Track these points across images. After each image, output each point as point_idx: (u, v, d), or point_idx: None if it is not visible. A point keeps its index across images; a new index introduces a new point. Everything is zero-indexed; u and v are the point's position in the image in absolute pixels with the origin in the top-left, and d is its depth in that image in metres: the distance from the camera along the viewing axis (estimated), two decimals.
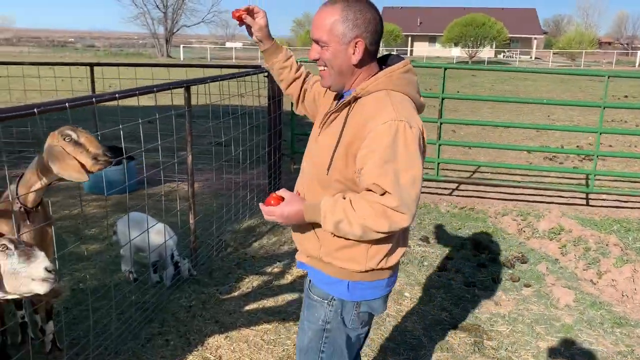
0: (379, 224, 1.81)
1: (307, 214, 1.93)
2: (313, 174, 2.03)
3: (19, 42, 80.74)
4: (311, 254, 2.07)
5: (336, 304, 2.05)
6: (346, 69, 1.93)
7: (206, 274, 4.50)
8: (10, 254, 1.95)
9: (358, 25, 1.87)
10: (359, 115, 1.89)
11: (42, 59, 39.59)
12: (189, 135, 4.27)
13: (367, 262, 1.98)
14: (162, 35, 59.44)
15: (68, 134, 2.58)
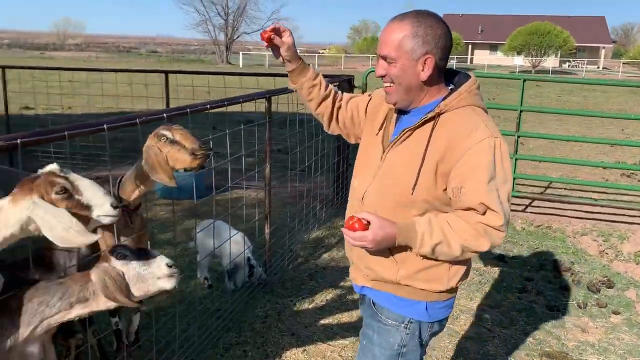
0: (480, 243, 1.80)
1: (399, 236, 1.84)
2: (389, 194, 1.94)
3: (87, 47, 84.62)
4: (385, 277, 2.00)
5: (413, 326, 2.01)
6: (414, 86, 1.90)
7: (279, 284, 4.48)
8: (129, 260, 1.98)
9: (428, 42, 1.83)
10: (447, 132, 1.84)
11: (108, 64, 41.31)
12: (268, 146, 4.28)
13: (449, 281, 1.97)
14: (222, 42, 60.85)
15: (163, 134, 2.59)
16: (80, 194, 1.86)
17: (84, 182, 1.90)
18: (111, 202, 1.90)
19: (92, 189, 1.89)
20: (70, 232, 1.79)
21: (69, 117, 10.62)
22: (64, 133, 2.07)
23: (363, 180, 2.06)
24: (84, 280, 1.99)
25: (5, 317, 1.95)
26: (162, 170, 2.56)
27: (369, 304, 2.11)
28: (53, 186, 1.82)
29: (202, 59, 59.23)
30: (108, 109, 11.54)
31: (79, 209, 1.85)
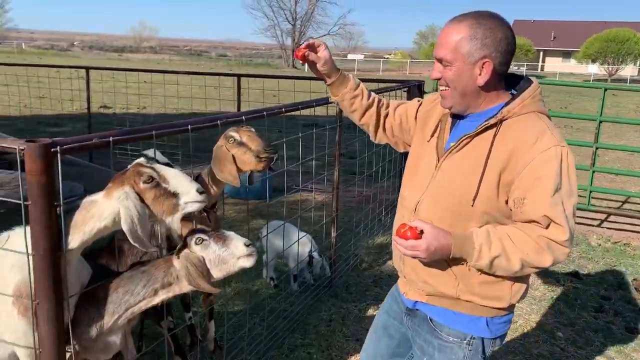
0: (542, 258, 1.70)
1: (455, 248, 1.73)
2: (446, 205, 1.84)
3: (161, 50, 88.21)
4: (443, 292, 1.90)
5: (476, 342, 1.92)
6: (470, 91, 1.80)
7: (343, 288, 4.48)
8: (207, 244, 2.03)
9: (487, 45, 1.73)
10: (510, 139, 1.74)
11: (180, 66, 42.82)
12: (338, 150, 4.29)
13: (511, 298, 1.87)
14: (288, 47, 61.80)
15: (231, 136, 2.66)
16: (166, 182, 1.92)
17: (170, 171, 1.96)
18: (197, 188, 1.94)
19: (177, 177, 1.94)
20: (145, 234, 1.86)
21: (144, 116, 11.10)
22: (152, 132, 2.16)
23: (415, 190, 1.96)
24: (166, 266, 2.07)
25: (92, 306, 2.05)
26: (227, 171, 2.63)
27: (424, 319, 2.00)
28: (141, 176, 1.89)
29: (269, 63, 60.36)
30: (181, 109, 11.97)
31: (166, 196, 1.91)
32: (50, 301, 1.83)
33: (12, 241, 1.96)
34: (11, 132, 11.16)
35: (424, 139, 2.02)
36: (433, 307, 1.96)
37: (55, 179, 1.79)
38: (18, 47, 67.20)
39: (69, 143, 1.82)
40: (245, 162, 2.64)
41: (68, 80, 10.32)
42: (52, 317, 1.84)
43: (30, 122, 12.30)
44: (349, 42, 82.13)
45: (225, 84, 9.86)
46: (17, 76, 10.64)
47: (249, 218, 5.78)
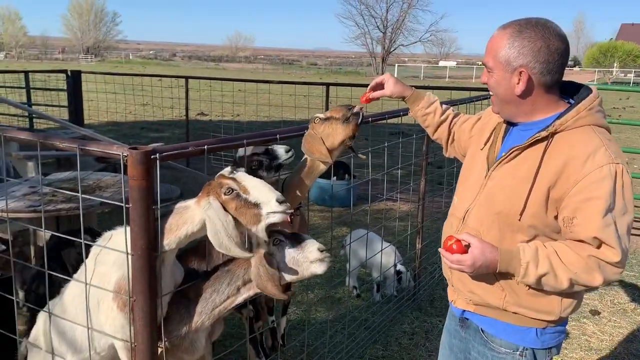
0: (592, 278, 1.66)
1: (502, 264, 1.71)
2: (493, 217, 1.80)
3: (255, 59, 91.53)
4: (490, 303, 1.86)
5: (529, 353, 1.87)
6: (510, 99, 1.77)
7: (427, 302, 4.39)
8: (284, 245, 2.07)
9: (524, 54, 1.69)
10: (562, 154, 1.67)
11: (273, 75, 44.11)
12: (425, 160, 4.23)
13: (561, 312, 1.82)
14: (378, 54, 61.79)
15: (316, 116, 2.68)
16: (247, 192, 1.93)
17: (251, 181, 1.96)
18: (277, 198, 1.92)
19: (258, 187, 1.94)
20: (231, 242, 1.90)
21: (237, 123, 11.54)
22: (243, 141, 2.25)
23: (465, 199, 1.95)
24: (247, 263, 2.13)
25: (182, 305, 2.16)
26: (316, 150, 2.63)
27: (476, 330, 1.97)
28: (221, 187, 1.95)
29: (358, 71, 60.67)
30: (272, 117, 12.35)
31: (248, 207, 1.92)
32: (145, 298, 1.95)
33: (114, 240, 2.11)
34: (117, 136, 12.06)
35: (478, 147, 2.02)
36: (482, 317, 1.95)
37: (154, 184, 1.92)
38: (126, 57, 72.50)
39: (168, 151, 1.94)
40: (334, 133, 2.60)
41: (169, 89, 10.99)
42: (147, 313, 1.96)
43: (134, 127, 13.21)
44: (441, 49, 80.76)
45: (314, 92, 10.04)
46: (124, 85, 11.47)
47: (333, 225, 5.82)
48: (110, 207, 4.18)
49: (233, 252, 1.93)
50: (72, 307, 2.29)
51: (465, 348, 2.06)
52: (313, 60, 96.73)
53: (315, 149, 2.63)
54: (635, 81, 42.03)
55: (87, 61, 61.02)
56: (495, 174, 1.84)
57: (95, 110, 13.09)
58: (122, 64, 57.06)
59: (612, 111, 18.75)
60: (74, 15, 75.59)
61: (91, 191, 4.04)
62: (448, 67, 59.16)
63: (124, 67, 45.88)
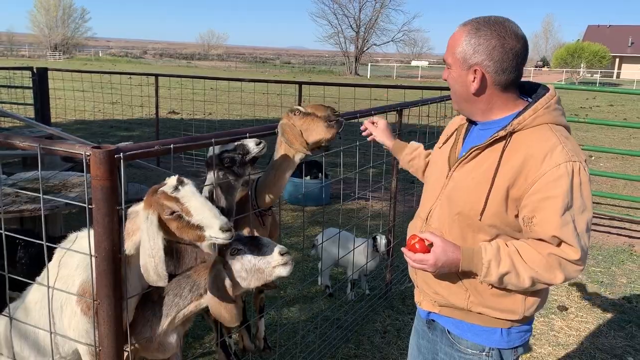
0: (553, 276, 1.67)
1: (464, 262, 1.72)
2: (455, 217, 1.81)
3: (228, 57, 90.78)
4: (455, 304, 1.86)
5: (495, 353, 1.87)
6: (466, 97, 1.79)
7: (399, 299, 4.40)
8: (243, 253, 2.01)
9: (479, 52, 1.70)
10: (520, 153, 1.68)
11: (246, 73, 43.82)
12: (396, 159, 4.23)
13: (525, 311, 1.81)
14: (352, 54, 61.95)
15: (297, 109, 2.70)
16: (190, 215, 1.84)
17: (195, 203, 1.85)
18: (221, 225, 1.83)
19: (202, 210, 1.84)
20: (151, 261, 1.84)
21: (209, 122, 11.42)
22: (211, 140, 2.21)
23: (427, 199, 1.96)
24: (206, 272, 2.08)
25: (148, 308, 2.11)
26: (297, 142, 2.63)
27: (442, 332, 1.97)
28: (163, 209, 1.86)
29: (332, 70, 60.74)
30: (245, 116, 12.25)
31: (191, 228, 1.85)
32: (110, 301, 1.90)
33: (79, 242, 2.05)
34: (86, 135, 11.81)
35: (438, 146, 2.04)
36: (447, 319, 1.95)
37: (117, 184, 1.86)
38: (95, 54, 71.10)
39: (132, 150, 1.89)
40: (314, 130, 2.63)
41: (139, 87, 10.80)
42: (112, 317, 1.91)
43: (103, 126, 12.96)
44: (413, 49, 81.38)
45: (287, 91, 10.02)
46: (93, 83, 11.24)
47: (305, 224, 5.80)
48: (77, 207, 4.08)
49: (147, 274, 1.86)
50: (35, 311, 2.22)
51: (432, 349, 2.06)
52: (287, 59, 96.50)
53: (297, 141, 2.63)
54: (601, 81, 43.10)
55: (55, 58, 59.64)
56: (456, 174, 1.84)
57: (64, 108, 12.80)
58: (92, 61, 55.97)
59: (580, 111, 19.18)
60: (40, 11, 73.75)
61: (57, 191, 3.94)
62: (420, 67, 59.66)
63: (93, 65, 44.98)
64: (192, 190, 1.87)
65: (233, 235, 1.85)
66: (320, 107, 2.67)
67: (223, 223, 1.83)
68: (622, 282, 4.94)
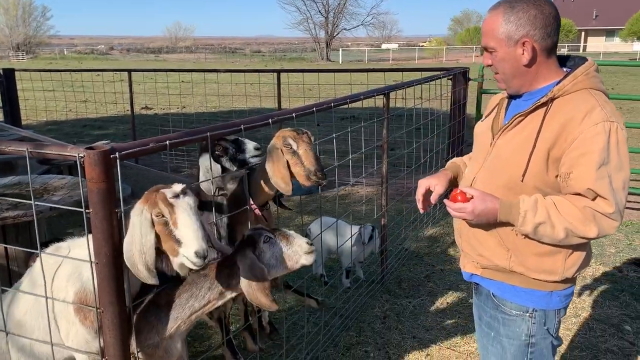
0: (588, 229, 1.73)
1: (502, 212, 1.80)
2: (498, 180, 1.90)
3: (196, 49, 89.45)
4: (497, 264, 1.94)
5: (538, 314, 1.94)
6: (519, 71, 1.87)
7: (395, 283, 4.39)
8: (274, 242, 2.07)
9: (522, 25, 1.80)
10: (560, 117, 1.77)
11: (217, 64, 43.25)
12: (386, 143, 4.19)
13: (564, 272, 1.88)
14: (322, 40, 61.64)
15: (288, 143, 2.56)
16: (175, 226, 1.83)
17: (185, 217, 1.83)
18: (197, 250, 1.80)
19: (188, 227, 1.82)
20: (141, 258, 1.79)
21: (185, 115, 11.22)
22: (207, 134, 2.12)
23: (472, 169, 2.04)
24: (230, 268, 2.04)
25: (152, 313, 2.03)
26: (279, 175, 2.55)
27: (487, 296, 2.05)
28: (154, 207, 1.85)
29: (303, 57, 60.37)
30: (221, 107, 12.05)
31: (170, 238, 1.84)
32: (115, 308, 1.82)
33: (73, 251, 1.96)
34: (59, 136, 11.49)
35: (481, 121, 2.13)
36: (490, 281, 2.02)
37: (114, 185, 1.77)
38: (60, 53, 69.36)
39: (127, 149, 1.80)
40: (295, 172, 2.58)
41: (109, 83, 10.53)
42: (117, 325, 1.83)
43: (75, 125, 12.64)
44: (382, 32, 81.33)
45: (262, 80, 9.88)
46: (62, 81, 10.91)
47: (296, 215, 5.74)
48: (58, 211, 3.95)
49: (136, 270, 1.81)
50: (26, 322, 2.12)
51: (481, 311, 2.13)
52: (256, 48, 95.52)
53: (280, 174, 2.56)
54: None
55: (19, 59, 57.98)
56: (500, 141, 1.92)
57: (33, 109, 12.43)
58: (57, 60, 54.55)
59: None
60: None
61: (39, 195, 3.79)
62: (391, 50, 59.72)
63: (59, 63, 43.85)
64: (189, 204, 1.86)
65: (204, 264, 1.83)
66: (309, 157, 2.53)
67: (201, 248, 1.80)
68: (611, 252, 5.00)
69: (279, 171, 2.56)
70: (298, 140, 2.59)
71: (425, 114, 5.57)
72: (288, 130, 2.60)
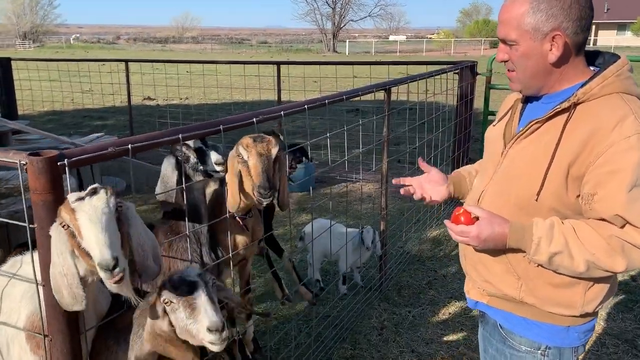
0: (614, 262, 1.45)
1: (512, 238, 1.54)
2: (509, 198, 1.62)
3: (203, 40, 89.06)
4: (505, 293, 1.68)
5: (552, 352, 1.67)
6: (542, 70, 1.57)
7: (395, 290, 4.15)
8: (176, 308, 1.66)
9: (554, 15, 1.49)
10: (584, 126, 1.48)
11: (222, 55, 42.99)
12: (387, 142, 3.94)
13: (584, 306, 1.61)
14: (329, 31, 61.13)
15: (240, 153, 2.29)
16: (80, 235, 1.45)
17: (85, 223, 1.43)
18: (99, 261, 1.39)
19: (93, 233, 1.42)
20: (62, 282, 1.48)
21: (185, 108, 11.00)
22: (178, 136, 1.90)
23: (482, 179, 1.78)
24: None
25: (112, 339, 1.80)
26: (229, 185, 2.30)
27: (494, 326, 1.78)
28: (59, 217, 1.48)
29: (310, 48, 59.93)
30: (222, 99, 11.82)
31: (82, 254, 1.47)
32: (65, 336, 1.60)
33: (23, 268, 1.73)
34: (58, 126, 11.31)
35: (493, 125, 1.82)
36: (497, 311, 1.75)
37: (64, 196, 1.54)
38: (67, 42, 69.28)
39: (80, 155, 1.56)
40: (245, 185, 2.30)
41: (112, 73, 10.31)
42: (67, 355, 1.60)
43: (76, 116, 12.44)
44: (390, 24, 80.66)
45: (265, 72, 9.65)
46: (62, 71, 10.71)
47: (292, 213, 5.51)
48: None
49: (60, 295, 1.50)
50: None
51: (486, 342, 1.86)
52: (263, 39, 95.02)
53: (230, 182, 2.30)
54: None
55: (25, 47, 57.88)
56: (512, 151, 1.65)
57: (36, 99, 12.25)
58: (63, 49, 54.43)
59: None
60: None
61: (17, 194, 3.57)
62: (398, 42, 59.17)
63: (65, 52, 43.71)
64: (98, 205, 1.45)
65: (118, 279, 1.42)
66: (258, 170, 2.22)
67: (103, 258, 1.39)
68: None
69: (230, 181, 2.31)
70: (250, 149, 2.28)
71: (431, 110, 5.30)
72: (247, 137, 2.33)
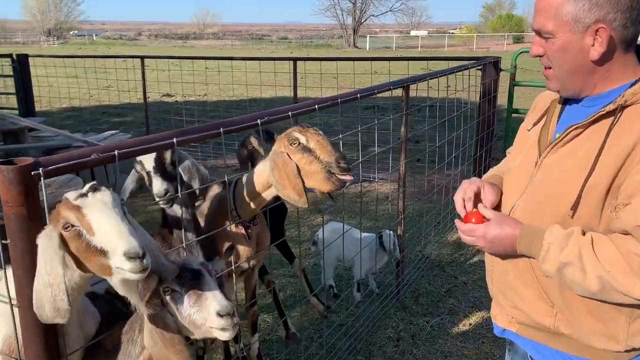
0: (633, 284, 1.23)
1: (522, 241, 1.40)
2: (544, 214, 1.42)
3: (223, 36, 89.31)
4: (538, 321, 1.48)
5: None
6: (582, 68, 1.38)
7: (412, 298, 3.95)
8: (179, 297, 1.53)
9: (599, 4, 1.30)
10: (632, 133, 1.29)
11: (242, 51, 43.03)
12: (404, 142, 3.74)
13: (627, 339, 1.39)
14: (349, 26, 60.75)
15: (295, 138, 2.07)
16: (91, 232, 1.37)
17: (100, 216, 1.37)
18: (125, 250, 1.32)
19: (107, 225, 1.36)
20: (47, 291, 1.35)
21: (201, 105, 10.91)
22: (220, 130, 1.87)
23: (511, 192, 1.57)
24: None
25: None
26: (290, 186, 2.03)
27: (523, 356, 1.60)
28: (60, 220, 1.40)
29: (330, 44, 59.68)
30: (239, 96, 11.73)
31: (93, 252, 1.38)
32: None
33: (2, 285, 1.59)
34: (77, 123, 11.32)
35: (526, 128, 1.60)
36: (528, 341, 1.55)
37: (41, 209, 1.39)
38: (90, 38, 70.11)
39: (57, 162, 1.41)
40: (310, 174, 2.06)
41: (132, 70, 10.27)
42: None
43: (94, 112, 12.46)
44: (411, 18, 79.83)
45: (283, 68, 9.51)
46: (80, 68, 10.70)
47: (305, 213, 5.34)
48: None
49: (41, 307, 1.37)
50: None
51: None
52: (283, 35, 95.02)
53: (290, 184, 2.03)
54: None
55: (49, 44, 58.69)
56: (548, 161, 1.46)
57: (56, 96, 12.30)
58: (86, 45, 55.04)
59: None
60: None
61: None
62: (420, 37, 58.53)
63: (87, 49, 44.15)
64: (105, 199, 1.39)
65: (143, 268, 1.33)
66: (325, 147, 2.04)
67: (130, 247, 1.32)
68: None
69: (289, 180, 2.04)
70: (306, 133, 2.09)
71: (452, 107, 5.08)
72: (292, 129, 2.14)
